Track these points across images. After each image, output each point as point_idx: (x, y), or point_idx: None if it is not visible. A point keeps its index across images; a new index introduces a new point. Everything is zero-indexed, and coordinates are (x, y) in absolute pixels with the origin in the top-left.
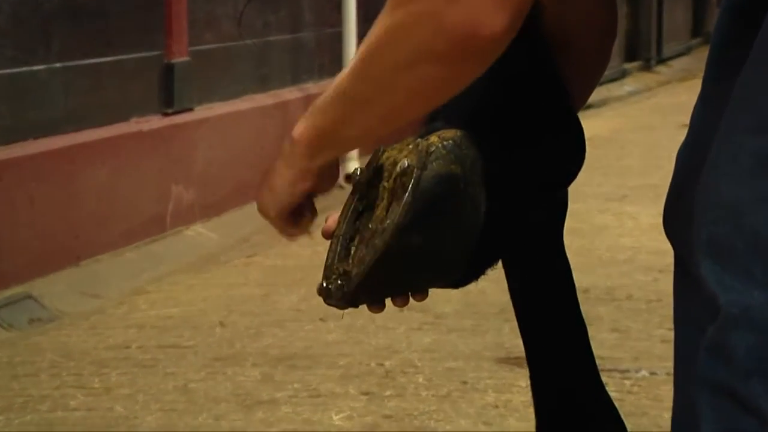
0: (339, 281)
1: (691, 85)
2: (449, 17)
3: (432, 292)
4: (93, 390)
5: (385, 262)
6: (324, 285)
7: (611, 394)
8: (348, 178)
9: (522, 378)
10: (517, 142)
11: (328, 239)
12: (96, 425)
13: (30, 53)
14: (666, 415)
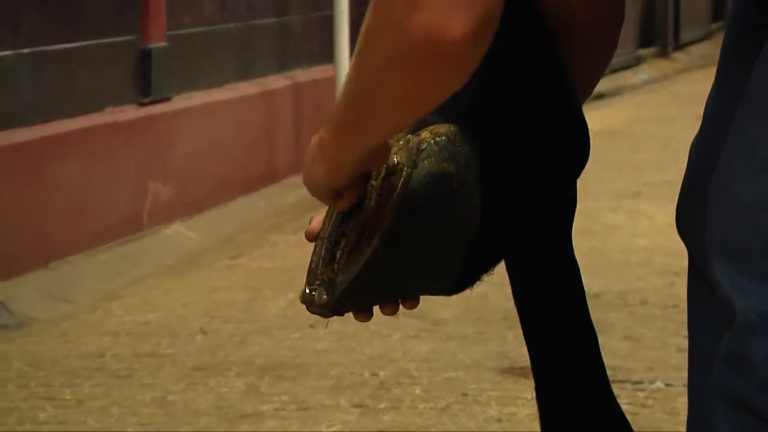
0: (323, 288)
1: (712, 73)
2: (411, 22)
3: (430, 297)
4: (64, 402)
5: (372, 267)
6: (307, 291)
7: (623, 407)
8: None
9: (527, 390)
10: (516, 138)
11: (311, 242)
12: None
13: None
14: (682, 430)
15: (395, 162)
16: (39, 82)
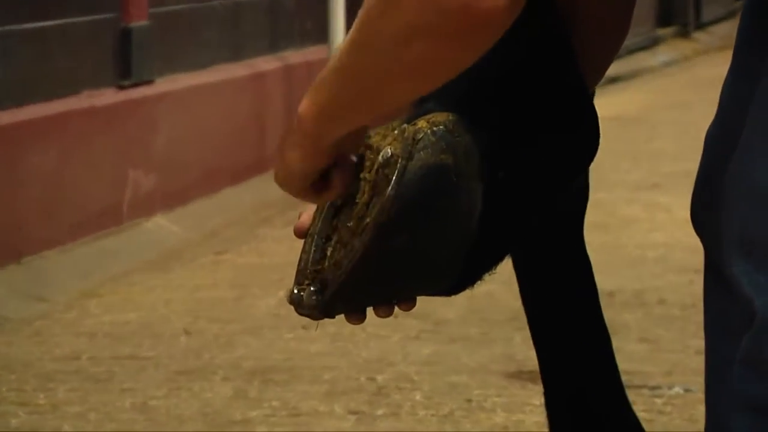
0: (312, 287)
1: None
2: None
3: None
4: (38, 407)
5: (365, 266)
6: (295, 292)
7: (639, 414)
8: None
9: (535, 395)
10: (519, 127)
11: (300, 238)
12: None
13: None
14: None
15: (389, 153)
16: (10, 63)
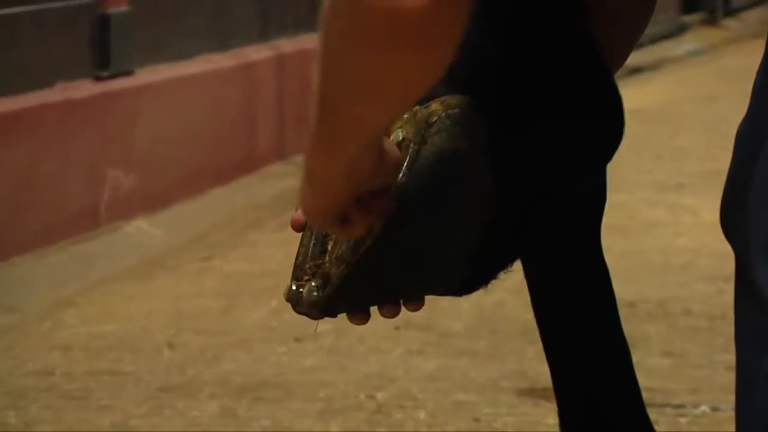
0: (312, 283)
1: None
2: None
3: (437, 305)
4: (8, 426)
5: (371, 259)
6: (293, 288)
7: None
8: None
9: (549, 414)
10: (540, 114)
11: (298, 232)
12: None
13: None
14: None
15: (400, 137)
16: None
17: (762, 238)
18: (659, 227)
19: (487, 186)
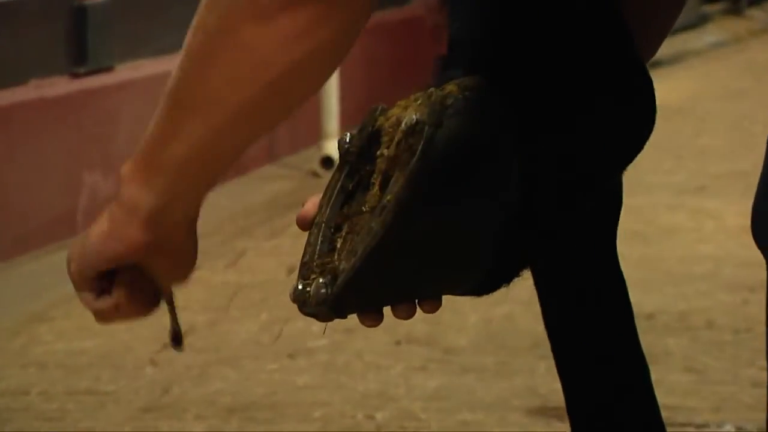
0: (321, 280)
1: None
2: None
3: (440, 318)
4: None
5: (384, 253)
6: (300, 288)
7: None
8: (325, 160)
9: None
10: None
11: (305, 230)
12: None
13: None
14: None
15: (414, 120)
16: None
17: None
18: (679, 233)
19: (511, 171)
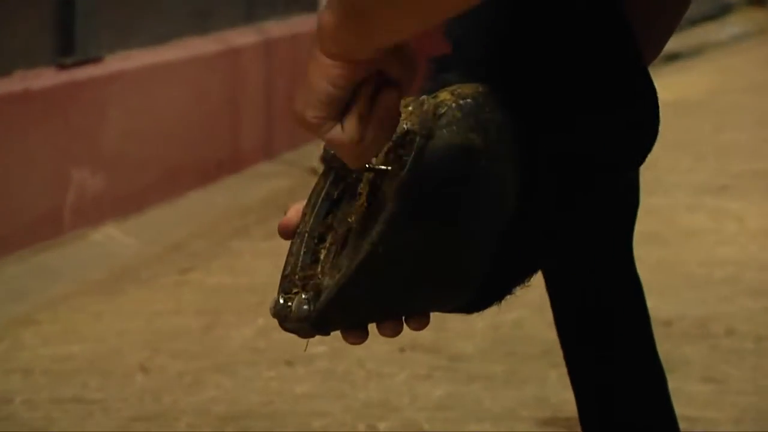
0: (303, 295)
1: None
2: None
3: (446, 324)
4: None
5: (371, 268)
6: (281, 302)
7: None
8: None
9: None
10: (564, 105)
11: (287, 239)
12: None
13: None
14: None
15: (405, 129)
16: None
17: None
18: (699, 235)
19: (507, 183)
